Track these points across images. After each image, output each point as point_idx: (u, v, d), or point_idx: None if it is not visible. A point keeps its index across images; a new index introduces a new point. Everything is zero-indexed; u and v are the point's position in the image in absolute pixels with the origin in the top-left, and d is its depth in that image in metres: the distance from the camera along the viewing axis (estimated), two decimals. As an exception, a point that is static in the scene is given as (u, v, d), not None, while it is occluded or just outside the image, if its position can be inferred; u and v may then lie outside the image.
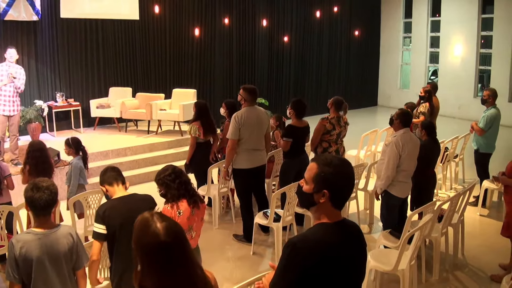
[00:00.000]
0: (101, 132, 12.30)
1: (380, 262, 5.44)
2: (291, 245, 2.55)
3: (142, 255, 2.34)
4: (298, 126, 7.43)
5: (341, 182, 2.63)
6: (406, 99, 11.96)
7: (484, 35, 17.19)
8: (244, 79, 15.63)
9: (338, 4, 18.24)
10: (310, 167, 2.67)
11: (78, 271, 3.84)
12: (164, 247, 2.30)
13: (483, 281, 6.19)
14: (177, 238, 2.35)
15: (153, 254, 2.31)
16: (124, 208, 4.16)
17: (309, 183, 2.65)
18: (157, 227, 2.32)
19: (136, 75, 13.68)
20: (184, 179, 4.65)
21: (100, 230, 4.08)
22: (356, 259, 2.71)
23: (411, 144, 6.21)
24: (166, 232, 2.32)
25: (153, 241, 2.30)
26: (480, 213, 8.41)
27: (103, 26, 12.87)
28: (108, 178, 4.37)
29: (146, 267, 2.33)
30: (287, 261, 2.54)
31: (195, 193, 4.71)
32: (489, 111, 8.42)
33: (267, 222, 6.69)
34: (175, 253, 2.33)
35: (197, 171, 8.16)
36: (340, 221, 2.67)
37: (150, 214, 2.43)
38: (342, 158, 2.71)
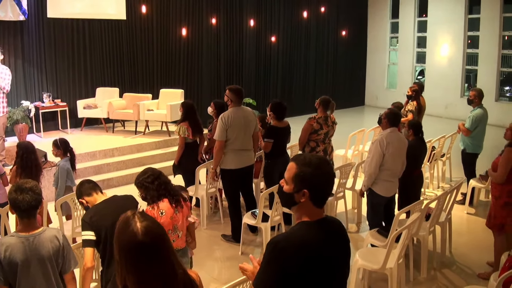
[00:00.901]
0: (88, 132, 12.24)
1: (368, 261, 5.45)
2: (273, 244, 2.56)
3: (121, 254, 2.33)
4: (279, 126, 7.44)
5: (321, 181, 2.64)
6: (393, 99, 11.99)
7: (470, 35, 17.30)
8: (232, 79, 15.61)
9: (325, 4, 18.28)
10: (289, 167, 2.68)
11: (66, 275, 3.79)
12: (141, 246, 2.30)
13: (471, 278, 6.22)
14: (155, 239, 2.34)
15: (131, 253, 2.31)
16: (110, 209, 4.18)
17: (289, 183, 2.67)
18: (136, 227, 2.32)
19: (123, 75, 13.63)
20: (163, 180, 4.65)
21: (90, 236, 4.07)
22: (339, 255, 2.74)
23: (397, 144, 6.23)
24: (145, 231, 2.32)
25: (131, 240, 2.31)
26: (467, 212, 8.46)
27: (90, 26, 12.80)
28: (85, 190, 4.41)
29: (125, 266, 2.33)
30: (269, 259, 2.56)
31: (177, 193, 4.71)
32: (475, 111, 8.45)
33: (255, 222, 6.70)
34: (153, 253, 2.32)
35: (185, 172, 8.14)
36: (321, 218, 2.69)
37: (132, 213, 2.42)
38: (321, 157, 2.72)
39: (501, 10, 15.98)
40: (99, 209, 4.22)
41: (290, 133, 7.76)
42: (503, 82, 17.44)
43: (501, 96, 17.07)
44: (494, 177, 5.91)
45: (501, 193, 5.89)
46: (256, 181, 8.18)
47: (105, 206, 4.25)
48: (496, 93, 16.40)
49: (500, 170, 5.81)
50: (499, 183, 5.87)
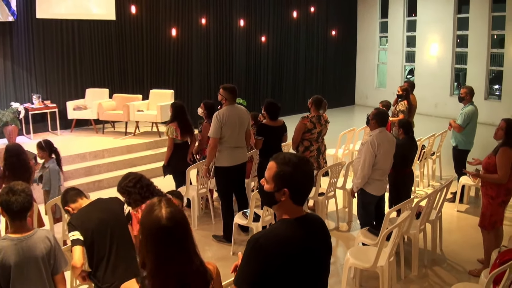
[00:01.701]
0: (78, 134, 12.18)
1: (359, 260, 5.47)
2: (253, 241, 2.58)
3: (144, 236, 2.44)
4: (271, 125, 7.46)
5: (300, 180, 2.66)
6: (383, 98, 12.02)
7: (459, 35, 17.40)
8: (222, 79, 15.58)
9: (314, 4, 18.31)
10: (269, 166, 2.70)
11: (56, 275, 3.77)
12: (163, 230, 2.40)
13: (462, 275, 6.25)
14: (177, 225, 2.45)
15: (153, 235, 2.41)
16: (96, 212, 4.18)
17: (270, 182, 2.68)
18: (161, 212, 2.44)
19: (113, 76, 13.58)
20: (145, 182, 4.68)
21: (77, 236, 4.04)
22: (320, 252, 2.75)
23: (386, 144, 6.25)
24: (169, 217, 2.43)
25: (155, 223, 2.41)
26: (457, 209, 8.50)
27: (79, 27, 12.75)
28: (71, 197, 4.38)
29: (145, 246, 2.43)
30: (249, 257, 2.57)
31: (161, 194, 4.71)
32: (467, 108, 8.51)
33: (246, 222, 6.70)
34: (173, 238, 2.42)
35: (175, 172, 8.12)
36: (301, 216, 2.70)
37: (158, 199, 2.53)
38: (301, 156, 2.73)
39: (490, 10, 16.08)
40: (85, 211, 4.20)
41: (285, 132, 7.77)
42: (492, 81, 17.52)
43: (490, 95, 17.16)
44: (496, 179, 5.89)
45: (498, 192, 5.92)
46: (247, 181, 8.17)
47: (91, 208, 4.24)
48: (486, 92, 16.51)
49: (502, 172, 5.81)
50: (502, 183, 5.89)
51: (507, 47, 15.84)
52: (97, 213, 4.15)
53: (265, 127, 7.46)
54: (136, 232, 4.50)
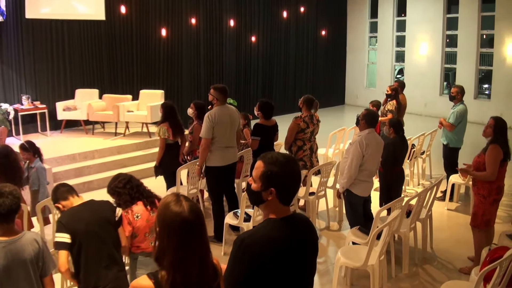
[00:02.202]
0: (68, 135, 12.13)
1: (349, 259, 5.48)
2: (239, 241, 2.59)
3: (164, 230, 2.46)
4: (266, 124, 7.50)
5: (287, 179, 2.67)
6: (373, 97, 12.06)
7: (449, 34, 17.49)
8: (212, 80, 15.56)
9: (304, 4, 18.34)
10: (257, 166, 2.70)
11: (45, 278, 3.74)
12: (186, 223, 2.44)
13: (452, 273, 6.27)
14: (199, 218, 2.50)
15: (175, 230, 2.43)
16: (87, 213, 4.14)
17: (257, 181, 2.69)
18: (183, 205, 2.47)
19: (103, 76, 13.52)
20: (134, 183, 4.66)
21: (64, 239, 3.99)
22: (306, 252, 2.76)
23: (374, 145, 6.27)
24: (191, 210, 2.48)
25: (178, 217, 2.44)
26: (447, 208, 8.54)
27: (69, 27, 12.69)
28: (61, 194, 4.32)
29: (166, 242, 2.45)
30: (235, 256, 2.58)
31: (151, 194, 4.70)
32: (458, 107, 8.56)
33: (237, 222, 6.69)
34: (195, 231, 2.48)
35: (167, 173, 8.10)
36: (288, 216, 2.71)
37: (176, 194, 2.56)
38: (288, 156, 2.74)
39: (479, 9, 16.18)
40: (76, 212, 4.15)
41: (277, 131, 7.79)
42: (482, 80, 17.65)
43: (480, 94, 17.28)
44: (485, 176, 5.93)
45: (490, 191, 5.95)
46: (237, 181, 8.16)
47: (82, 209, 4.19)
48: (475, 91, 16.61)
49: (490, 169, 5.85)
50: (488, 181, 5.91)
51: (497, 46, 15.94)
52: (88, 214, 4.12)
53: (261, 127, 7.51)
54: (128, 233, 4.49)
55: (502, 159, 5.87)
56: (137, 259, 4.63)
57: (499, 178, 5.93)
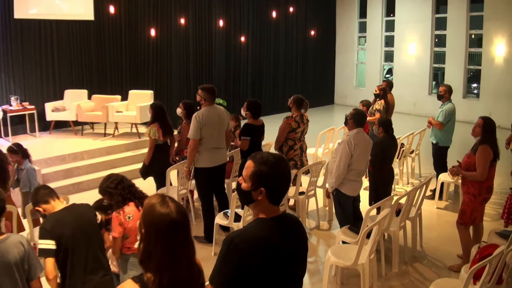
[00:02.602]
0: (57, 136, 12.07)
1: (340, 258, 5.48)
2: (228, 241, 2.59)
3: (151, 231, 2.44)
4: (255, 124, 7.49)
5: (277, 179, 2.67)
6: (362, 97, 12.11)
7: (438, 34, 17.59)
8: (202, 80, 15.56)
9: (293, 4, 18.37)
10: (247, 165, 2.71)
11: (32, 281, 3.70)
12: (174, 224, 2.44)
13: (442, 271, 6.31)
14: (185, 218, 2.51)
15: (163, 231, 2.42)
16: (71, 218, 4.09)
17: (247, 181, 2.69)
18: (170, 206, 2.47)
19: (92, 77, 13.44)
20: (126, 183, 4.64)
21: (49, 246, 3.94)
22: (295, 251, 2.77)
23: (363, 144, 6.29)
24: (178, 210, 2.48)
25: (165, 218, 2.43)
26: (437, 206, 8.58)
27: (57, 27, 12.61)
28: (42, 197, 4.23)
29: (153, 244, 2.43)
30: (224, 256, 2.58)
31: (143, 195, 4.68)
32: (446, 105, 8.60)
33: (227, 222, 6.68)
34: (181, 231, 2.48)
35: (156, 174, 8.08)
36: (277, 215, 2.72)
37: (161, 195, 2.55)
38: (278, 156, 2.74)
39: (467, 10, 16.29)
40: (60, 217, 4.09)
41: (264, 131, 7.80)
42: (470, 80, 17.75)
43: (469, 93, 17.37)
44: (475, 176, 5.95)
45: (480, 191, 5.97)
46: (227, 181, 8.16)
47: (66, 214, 4.13)
48: (464, 90, 16.71)
49: (481, 169, 5.87)
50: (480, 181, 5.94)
51: (485, 46, 16.03)
52: (72, 219, 4.07)
53: (250, 127, 7.48)
54: (117, 234, 4.47)
55: (492, 159, 5.90)
56: (128, 261, 4.61)
57: (488, 178, 5.95)
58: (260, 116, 7.62)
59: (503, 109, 15.10)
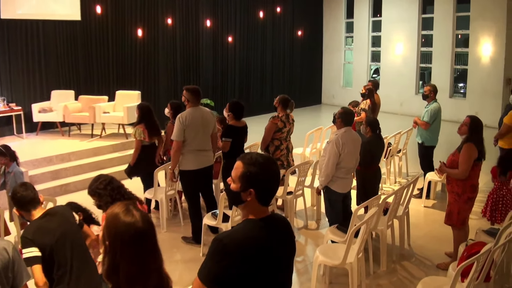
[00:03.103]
0: (44, 137, 11.98)
1: (328, 257, 5.50)
2: (217, 241, 2.58)
3: (116, 243, 2.36)
4: (237, 126, 7.46)
5: (266, 180, 2.68)
6: (349, 97, 12.19)
7: (424, 34, 17.70)
8: (189, 80, 15.52)
9: (280, 4, 18.38)
10: (236, 166, 2.71)
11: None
12: (140, 234, 2.37)
13: (430, 269, 6.34)
14: (151, 227, 2.45)
15: (129, 241, 2.35)
16: (53, 223, 4.02)
17: (236, 182, 2.69)
18: (135, 215, 2.41)
19: (79, 77, 13.37)
20: (115, 184, 4.62)
21: (34, 253, 3.85)
22: (284, 252, 2.77)
23: (351, 143, 6.32)
24: (143, 219, 2.42)
25: (131, 228, 2.36)
26: (424, 205, 8.63)
27: (44, 27, 12.53)
28: (24, 205, 4.10)
29: (120, 255, 2.35)
30: (212, 256, 2.57)
31: (132, 196, 4.66)
32: (432, 105, 8.64)
33: (215, 223, 6.67)
34: (150, 241, 2.42)
35: (144, 174, 8.05)
36: (266, 216, 2.72)
37: (126, 203, 2.49)
38: (267, 157, 2.75)
39: (454, 10, 16.41)
40: (40, 225, 4.00)
41: (247, 132, 7.78)
42: (457, 79, 17.88)
43: (455, 93, 17.50)
44: (456, 174, 5.99)
45: (464, 189, 6.00)
46: (215, 182, 8.14)
47: (46, 220, 4.04)
48: (450, 90, 16.82)
49: (463, 167, 5.90)
50: (462, 180, 5.97)
51: (472, 46, 16.13)
52: (53, 225, 3.99)
53: (232, 128, 7.44)
54: None
55: (477, 158, 5.92)
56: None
57: (472, 176, 5.97)
58: (242, 117, 7.58)
59: (490, 108, 15.21)
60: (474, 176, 5.98)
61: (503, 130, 8.43)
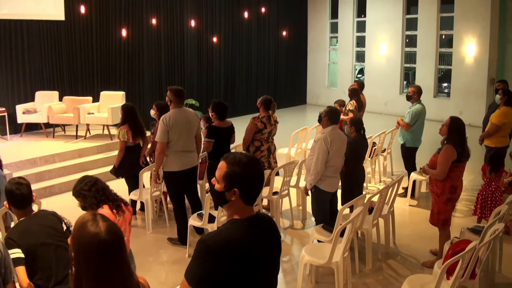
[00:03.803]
0: (29, 138, 11.88)
1: (314, 256, 5.51)
2: (202, 243, 2.58)
3: (80, 254, 2.30)
4: (220, 126, 7.45)
5: (250, 180, 2.68)
6: (334, 97, 12.23)
7: (409, 35, 17.79)
8: (174, 80, 15.47)
9: (265, 4, 18.40)
10: (220, 166, 2.70)
11: (9, 284, 3.62)
12: (103, 246, 2.28)
13: (415, 267, 6.38)
14: (117, 239, 2.35)
15: (92, 253, 2.27)
16: (38, 227, 4.02)
17: (220, 182, 2.69)
18: (99, 226, 2.32)
19: (63, 78, 13.29)
20: (100, 186, 4.57)
21: (18, 254, 3.86)
22: (269, 251, 2.78)
23: (339, 141, 6.35)
24: (108, 230, 2.32)
25: (94, 238, 2.28)
26: (409, 204, 8.69)
27: (28, 27, 12.42)
28: (15, 203, 4.15)
29: (83, 267, 2.29)
30: (198, 257, 2.57)
31: (117, 197, 4.63)
32: (414, 106, 8.69)
33: (201, 223, 6.65)
34: (114, 253, 2.32)
35: (128, 176, 8.01)
36: (251, 216, 2.72)
37: (92, 213, 2.41)
38: (250, 156, 2.75)
39: (438, 10, 16.53)
40: (26, 226, 4.02)
41: (233, 133, 7.76)
42: (441, 79, 17.99)
43: (439, 93, 17.63)
44: (434, 174, 6.04)
45: (443, 189, 6.03)
46: (201, 183, 8.12)
47: (32, 223, 4.05)
48: (435, 90, 16.94)
49: (440, 168, 5.93)
50: (440, 180, 6.01)
51: (456, 46, 16.26)
52: (38, 229, 4.00)
53: (215, 129, 7.42)
54: None
55: (457, 159, 5.94)
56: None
57: (452, 177, 5.98)
58: (226, 117, 7.56)
59: (474, 108, 15.35)
60: (454, 177, 5.99)
61: (491, 129, 8.47)
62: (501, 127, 8.39)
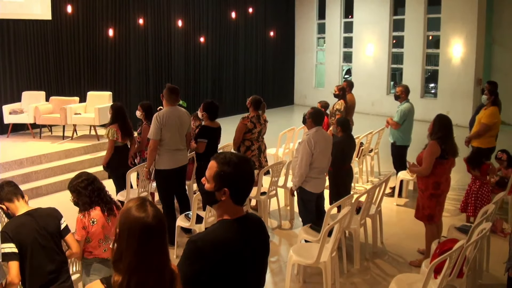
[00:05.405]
0: (15, 139, 11.78)
1: (302, 256, 5.52)
2: (191, 243, 2.59)
3: (124, 232, 2.38)
4: (212, 126, 7.44)
5: (240, 180, 2.68)
6: (321, 97, 12.24)
7: (396, 35, 17.88)
8: (161, 81, 15.42)
9: (252, 5, 18.41)
10: (210, 166, 2.71)
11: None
12: (148, 228, 2.37)
13: (403, 267, 6.40)
14: (162, 224, 2.44)
15: (136, 233, 2.35)
16: (34, 223, 3.99)
17: (210, 181, 2.69)
18: (148, 211, 2.40)
19: (49, 78, 13.21)
20: (97, 186, 4.56)
21: (12, 249, 3.84)
22: (258, 252, 2.79)
23: (323, 142, 6.35)
24: (155, 215, 2.40)
25: (141, 221, 2.37)
26: (396, 203, 8.73)
27: (14, 27, 12.33)
28: (6, 195, 4.15)
29: (125, 245, 2.37)
30: (187, 258, 2.58)
31: (110, 200, 4.61)
32: (403, 105, 8.75)
33: (189, 224, 6.64)
34: (155, 237, 2.40)
35: (116, 176, 7.98)
36: (241, 216, 2.73)
37: (142, 198, 2.49)
38: (241, 156, 2.76)
39: (425, 12, 16.65)
40: (22, 222, 3.99)
41: (221, 134, 7.76)
42: (428, 80, 18.11)
43: (426, 93, 17.74)
44: (419, 170, 6.09)
45: (426, 185, 6.08)
46: (188, 183, 8.11)
47: (28, 219, 4.03)
48: (421, 90, 17.04)
49: (425, 164, 5.98)
50: (425, 176, 6.05)
51: (442, 47, 16.37)
52: (34, 225, 3.97)
53: (207, 129, 7.42)
54: (80, 237, 4.39)
55: (440, 155, 5.97)
56: (91, 265, 4.53)
57: (436, 174, 6.00)
58: (217, 117, 7.55)
59: (460, 108, 15.47)
60: (438, 173, 6.02)
61: (482, 130, 8.48)
62: (491, 126, 8.43)
